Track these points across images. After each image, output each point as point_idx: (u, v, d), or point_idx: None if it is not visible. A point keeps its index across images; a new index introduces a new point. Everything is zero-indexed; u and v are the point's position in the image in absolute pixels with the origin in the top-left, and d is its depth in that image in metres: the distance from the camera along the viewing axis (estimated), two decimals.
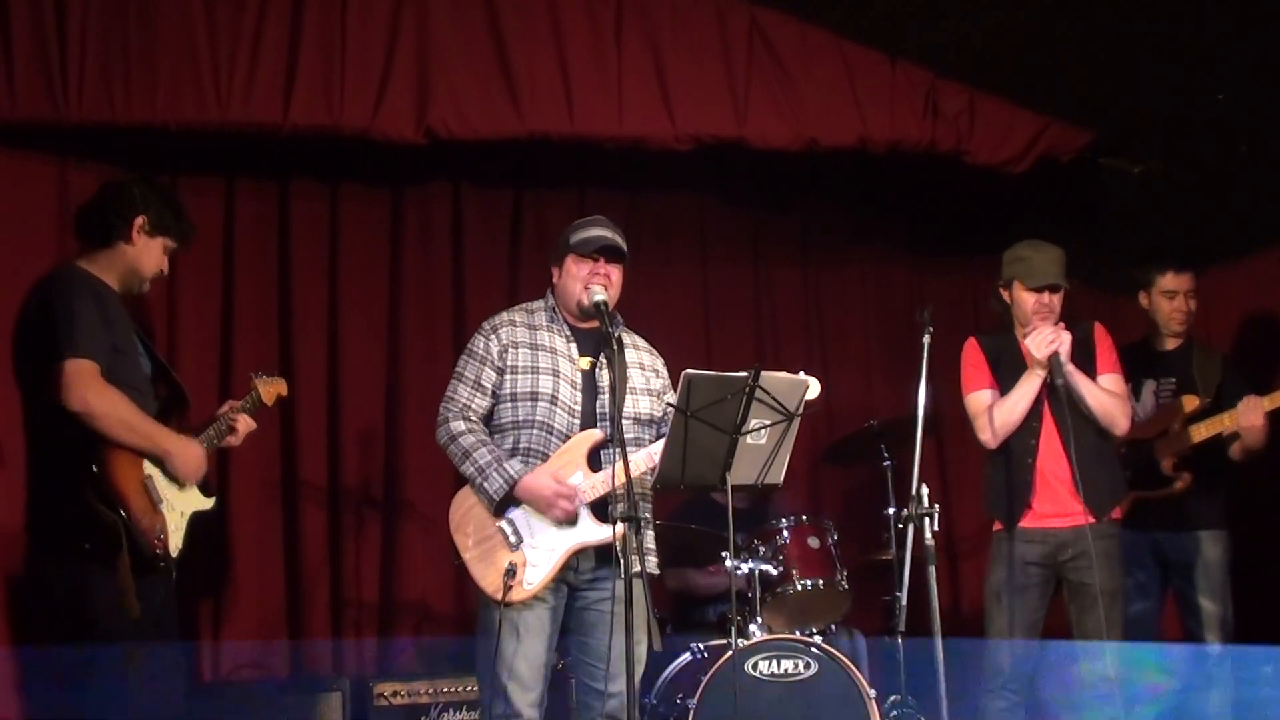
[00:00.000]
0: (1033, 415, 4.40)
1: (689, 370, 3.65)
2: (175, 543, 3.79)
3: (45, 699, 3.61)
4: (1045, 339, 4.31)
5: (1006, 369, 4.49)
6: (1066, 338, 4.33)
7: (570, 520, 3.81)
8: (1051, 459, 4.38)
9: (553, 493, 3.79)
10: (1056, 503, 4.38)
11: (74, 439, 3.62)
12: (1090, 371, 4.44)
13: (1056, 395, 4.31)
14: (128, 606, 3.53)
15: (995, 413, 4.43)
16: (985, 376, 4.51)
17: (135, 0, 4.82)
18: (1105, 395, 4.42)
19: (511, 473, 3.81)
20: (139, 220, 3.89)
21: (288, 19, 4.96)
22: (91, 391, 3.61)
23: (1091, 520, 4.28)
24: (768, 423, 3.76)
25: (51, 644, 3.60)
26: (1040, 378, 4.36)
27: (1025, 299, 4.45)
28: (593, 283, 3.92)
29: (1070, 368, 4.33)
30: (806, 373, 3.88)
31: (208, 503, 3.98)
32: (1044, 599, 4.42)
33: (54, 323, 3.66)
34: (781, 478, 3.88)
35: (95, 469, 3.60)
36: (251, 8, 4.93)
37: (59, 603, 3.63)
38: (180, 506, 3.84)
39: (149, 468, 3.75)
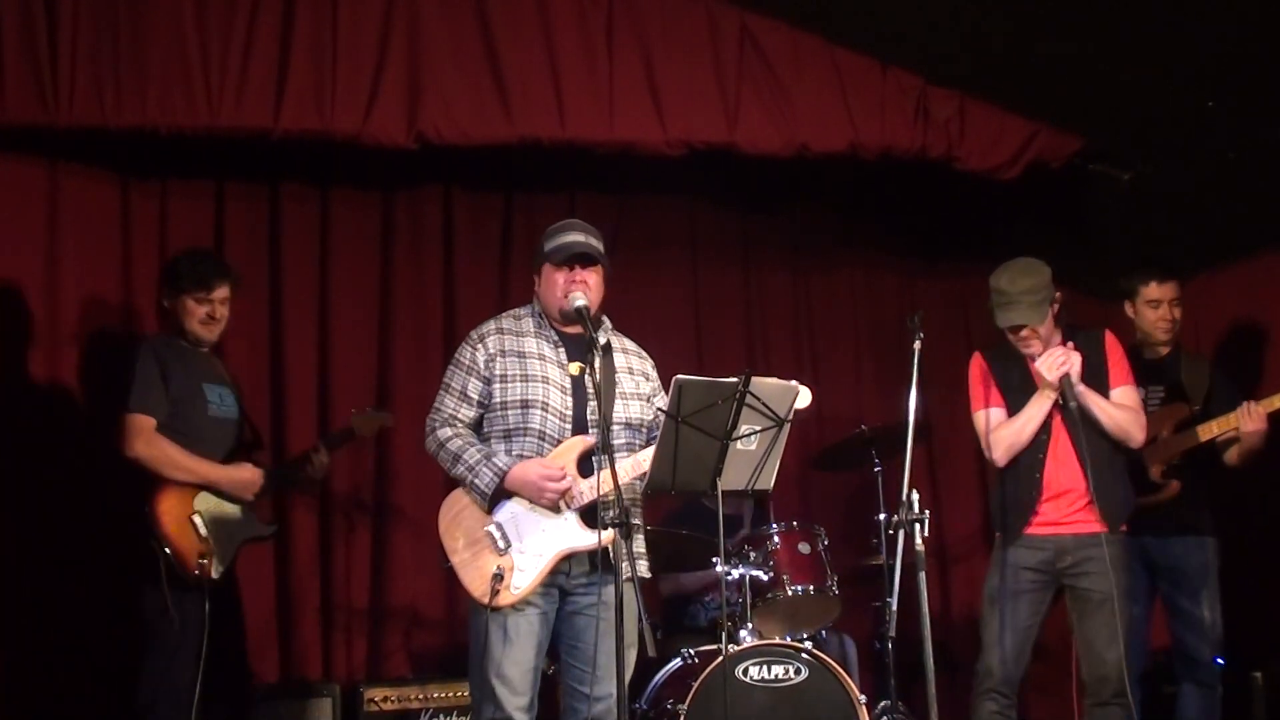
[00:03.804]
0: (1042, 429, 4.37)
1: (680, 376, 3.64)
2: (218, 566, 4.36)
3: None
4: (1055, 361, 4.26)
5: (1017, 385, 4.44)
6: (1076, 359, 4.28)
7: (558, 507, 3.80)
8: (1061, 470, 4.36)
9: (539, 476, 3.79)
10: (1061, 511, 4.36)
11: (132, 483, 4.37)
12: (1103, 385, 4.39)
13: (1069, 411, 4.28)
14: (169, 617, 4.22)
15: (1004, 433, 4.40)
16: (991, 394, 4.48)
17: (126, 3, 4.81)
18: (1119, 412, 4.37)
19: (500, 465, 3.82)
20: (165, 290, 4.60)
21: (278, 23, 4.95)
22: (140, 441, 4.32)
23: (1104, 529, 4.29)
24: (758, 428, 3.74)
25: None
26: (1051, 399, 4.32)
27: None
28: (571, 290, 3.91)
29: (1081, 388, 4.28)
30: (797, 381, 3.87)
31: (265, 530, 4.69)
32: (1039, 605, 4.40)
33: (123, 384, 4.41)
34: (772, 483, 3.87)
35: (146, 508, 4.28)
36: (242, 11, 4.91)
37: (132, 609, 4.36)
38: (235, 535, 4.47)
39: (199, 503, 4.36)
